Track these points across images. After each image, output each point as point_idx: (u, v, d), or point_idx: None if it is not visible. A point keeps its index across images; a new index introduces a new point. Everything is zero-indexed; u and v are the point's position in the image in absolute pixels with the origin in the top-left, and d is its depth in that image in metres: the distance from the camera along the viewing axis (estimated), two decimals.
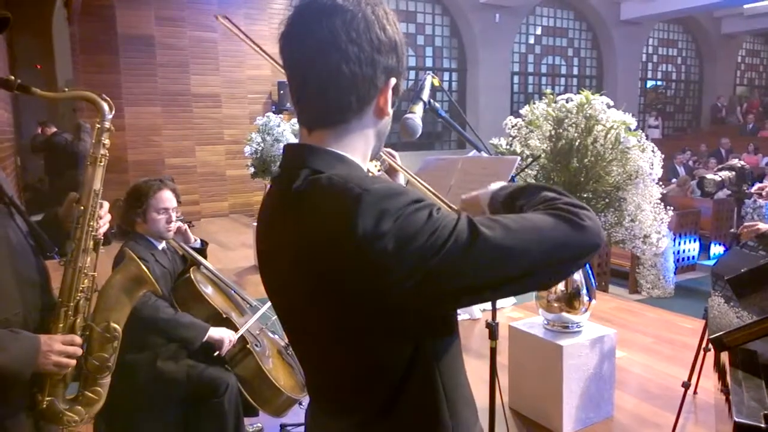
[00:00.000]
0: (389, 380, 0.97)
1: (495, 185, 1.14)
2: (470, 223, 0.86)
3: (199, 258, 2.82)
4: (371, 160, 1.08)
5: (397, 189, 0.89)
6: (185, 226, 2.82)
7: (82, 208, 1.68)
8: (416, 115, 1.40)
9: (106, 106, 1.73)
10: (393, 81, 1.00)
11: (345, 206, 0.87)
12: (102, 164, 1.73)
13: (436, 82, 1.59)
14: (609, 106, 2.93)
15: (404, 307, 0.89)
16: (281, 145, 6.44)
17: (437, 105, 1.51)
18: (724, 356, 1.92)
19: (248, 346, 2.64)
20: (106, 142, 1.74)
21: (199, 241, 2.93)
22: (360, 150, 1.03)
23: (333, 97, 0.96)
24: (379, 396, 0.99)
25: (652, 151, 2.89)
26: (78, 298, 1.66)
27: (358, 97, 0.97)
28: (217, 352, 2.57)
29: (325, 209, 0.90)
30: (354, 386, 1.02)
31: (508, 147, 3.17)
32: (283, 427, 3.15)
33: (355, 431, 1.03)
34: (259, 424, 3.13)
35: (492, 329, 2.24)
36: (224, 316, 2.67)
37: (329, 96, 0.96)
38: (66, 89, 1.85)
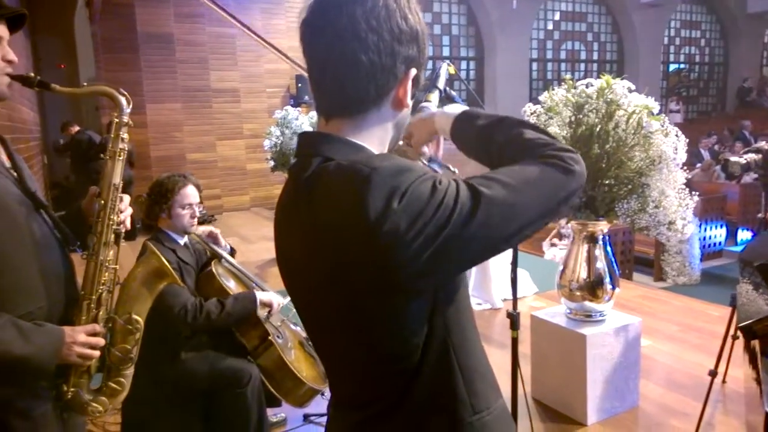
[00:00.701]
0: (405, 367, 0.97)
1: (453, 108, 1.14)
2: (470, 187, 0.87)
3: (220, 251, 2.84)
4: (388, 151, 1.07)
5: (405, 165, 0.88)
6: (218, 231, 2.88)
7: (102, 201, 1.70)
8: (431, 104, 1.38)
9: (123, 101, 1.75)
10: (413, 72, 0.99)
11: (354, 188, 0.86)
12: (121, 158, 1.74)
13: (452, 71, 1.57)
14: (630, 91, 2.87)
15: (419, 282, 0.89)
16: None
17: (453, 93, 1.49)
18: (756, 344, 1.88)
19: (270, 337, 2.65)
20: (125, 136, 1.75)
21: (228, 246, 2.95)
22: (377, 141, 1.01)
23: (351, 86, 0.95)
24: (396, 384, 0.98)
25: (676, 135, 2.82)
26: (100, 290, 1.68)
27: (377, 87, 0.96)
28: (267, 312, 2.66)
29: (335, 194, 0.90)
30: (371, 377, 1.01)
31: None
32: (306, 417, 3.17)
33: (375, 421, 1.02)
34: (282, 414, 3.15)
35: (513, 319, 2.22)
36: None
37: (347, 85, 0.95)
38: (85, 84, 1.86)
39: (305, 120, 6.70)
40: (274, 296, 2.70)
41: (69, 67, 11.14)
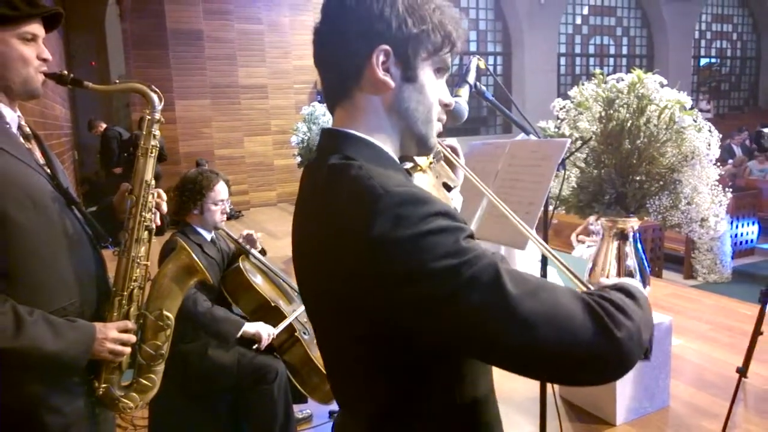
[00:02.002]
0: (399, 384, 0.92)
1: (621, 280, 0.98)
2: (497, 269, 0.77)
3: (247, 247, 2.86)
4: (425, 145, 1.01)
5: (420, 196, 0.81)
6: (254, 234, 2.91)
7: (134, 198, 1.71)
8: (462, 99, 1.36)
9: (155, 97, 1.75)
10: (383, 47, 0.91)
11: (363, 205, 0.82)
12: (153, 155, 1.75)
13: (482, 65, 1.55)
14: (662, 85, 2.81)
15: (387, 318, 0.83)
16: None
17: (483, 88, 1.47)
18: None
19: (296, 334, 2.66)
20: (157, 133, 1.76)
21: (260, 247, 2.98)
22: (379, 131, 0.96)
23: (327, 74, 0.98)
24: (389, 399, 0.94)
25: (709, 130, 2.76)
26: (132, 287, 1.69)
27: (344, 71, 0.94)
28: (255, 346, 2.59)
29: (344, 204, 0.86)
30: (364, 386, 0.97)
31: (556, 130, 3.09)
32: (332, 413, 3.18)
33: None
34: (308, 411, 3.16)
35: None
36: (273, 304, 2.70)
37: (326, 74, 0.98)
38: (117, 81, 1.89)
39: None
40: (263, 328, 2.62)
41: (100, 64, 11.33)
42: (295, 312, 2.76)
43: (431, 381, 0.92)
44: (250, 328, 2.59)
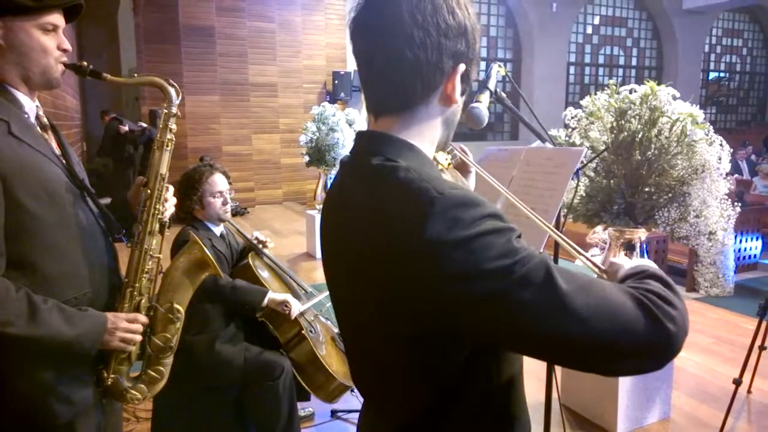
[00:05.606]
0: (439, 384, 0.94)
1: (637, 263, 1.00)
2: (548, 266, 0.80)
3: (258, 245, 2.87)
4: (443, 150, 1.06)
5: (473, 199, 0.84)
6: (268, 240, 2.95)
7: (149, 191, 1.73)
8: (482, 105, 1.38)
9: (173, 92, 1.77)
10: (462, 67, 0.96)
11: (417, 207, 0.83)
12: (169, 149, 1.76)
13: (503, 72, 1.56)
14: (675, 98, 2.82)
15: (442, 317, 0.83)
16: (336, 134, 6.46)
17: (503, 94, 1.48)
18: None
19: (303, 331, 2.67)
20: (173, 127, 1.77)
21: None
22: (427, 140, 0.99)
23: (397, 82, 0.94)
24: (428, 399, 0.95)
25: (720, 144, 2.77)
26: (143, 279, 1.70)
27: (423, 83, 0.94)
28: (288, 311, 2.61)
29: (397, 206, 0.87)
30: (403, 386, 0.98)
31: (567, 138, 3.10)
32: (334, 412, 3.19)
33: None
34: (310, 409, 3.17)
35: None
36: None
37: (394, 81, 0.94)
38: (135, 75, 1.90)
39: (342, 116, 6.72)
40: (290, 298, 2.65)
41: (111, 57, 11.37)
42: (303, 307, 2.76)
43: (469, 381, 0.94)
44: (276, 296, 2.61)
